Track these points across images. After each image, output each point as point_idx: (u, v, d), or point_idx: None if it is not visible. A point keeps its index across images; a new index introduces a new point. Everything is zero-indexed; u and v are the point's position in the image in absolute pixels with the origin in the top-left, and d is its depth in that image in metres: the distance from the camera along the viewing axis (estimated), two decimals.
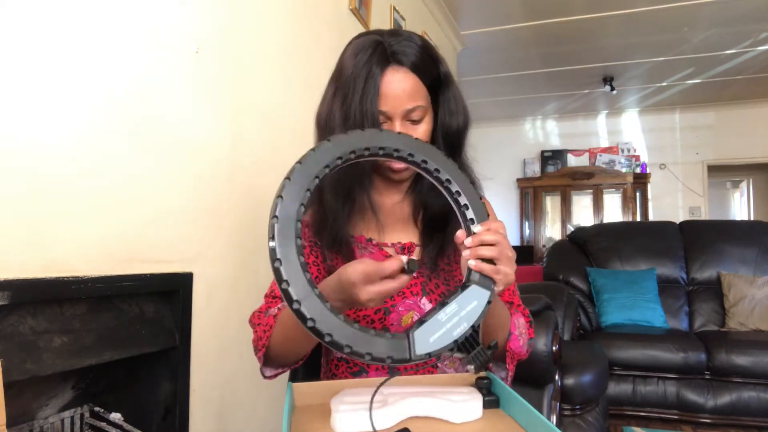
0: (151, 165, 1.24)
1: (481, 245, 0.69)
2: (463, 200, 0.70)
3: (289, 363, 0.87)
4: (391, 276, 0.67)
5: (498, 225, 0.70)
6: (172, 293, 1.29)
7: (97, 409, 1.15)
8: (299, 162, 0.63)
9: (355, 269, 0.66)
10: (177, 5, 1.32)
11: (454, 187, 0.69)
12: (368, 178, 0.88)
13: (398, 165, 0.88)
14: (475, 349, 0.70)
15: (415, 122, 0.86)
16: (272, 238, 0.59)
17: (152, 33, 1.24)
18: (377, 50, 0.82)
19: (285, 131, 1.79)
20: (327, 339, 0.59)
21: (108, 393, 1.24)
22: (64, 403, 1.13)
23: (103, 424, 1.12)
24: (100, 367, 1.12)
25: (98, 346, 1.07)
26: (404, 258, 0.68)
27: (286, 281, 0.59)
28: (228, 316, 1.49)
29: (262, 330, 0.85)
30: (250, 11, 1.62)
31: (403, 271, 0.67)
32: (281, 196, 0.61)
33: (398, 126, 0.84)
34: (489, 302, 0.69)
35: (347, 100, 0.83)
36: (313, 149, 0.64)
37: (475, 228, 0.70)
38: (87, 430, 1.12)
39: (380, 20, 2.65)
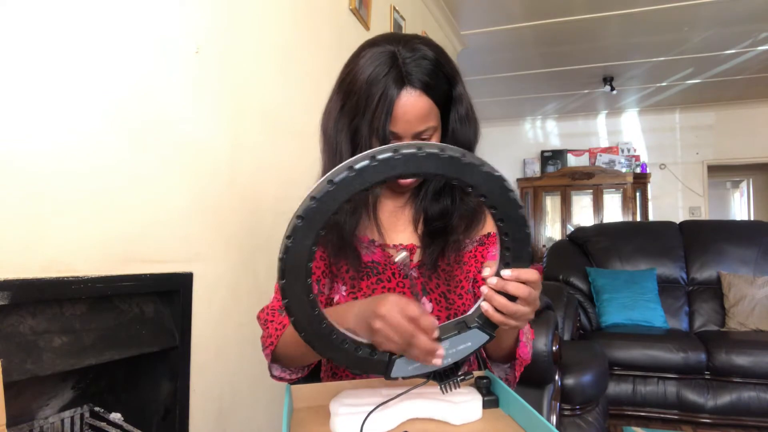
0: (150, 165, 1.24)
1: (503, 293, 0.65)
2: (507, 242, 0.63)
3: (296, 366, 0.89)
4: (415, 322, 0.64)
5: (530, 276, 0.65)
6: (172, 293, 1.29)
7: (97, 409, 1.15)
8: (313, 197, 0.55)
9: (400, 296, 0.66)
10: (177, 5, 1.32)
11: (504, 229, 0.62)
12: (377, 191, 0.88)
13: (406, 181, 0.87)
14: (449, 379, 0.69)
15: (425, 140, 0.84)
16: (281, 277, 0.58)
17: (152, 33, 1.24)
18: (392, 69, 0.79)
19: (285, 131, 1.79)
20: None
21: (108, 393, 1.24)
22: (64, 403, 1.13)
23: (103, 424, 1.12)
24: (100, 367, 1.12)
25: (98, 346, 1.07)
26: (437, 330, 0.66)
27: (294, 318, 0.61)
28: (228, 316, 1.49)
29: (274, 328, 0.86)
30: (250, 11, 1.62)
31: (436, 339, 0.65)
32: (290, 237, 0.56)
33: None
34: (484, 344, 0.69)
35: (357, 118, 0.82)
36: (330, 182, 0.54)
37: (505, 272, 0.64)
38: (87, 430, 1.12)
39: (380, 20, 2.65)
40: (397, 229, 0.96)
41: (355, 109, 0.82)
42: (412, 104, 0.80)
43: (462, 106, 0.87)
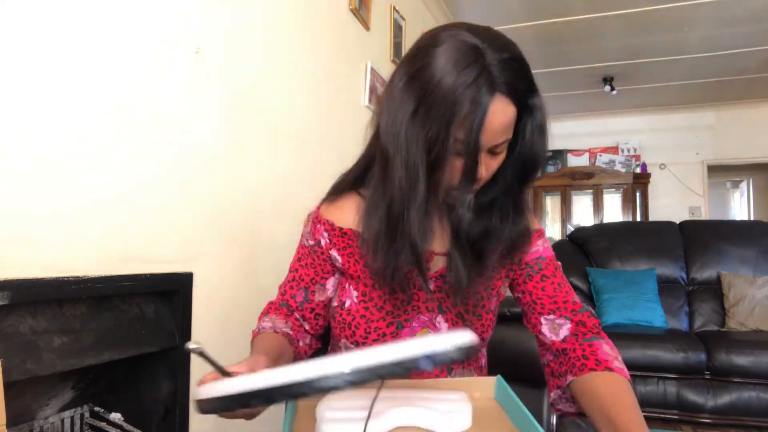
0: (150, 165, 1.24)
1: None
2: None
3: None
4: None
5: None
6: (172, 293, 1.29)
7: (97, 409, 1.15)
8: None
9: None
10: (177, 5, 1.32)
11: None
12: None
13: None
14: None
15: (496, 154, 0.75)
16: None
17: (152, 33, 1.24)
18: (483, 73, 0.67)
19: (285, 131, 1.79)
20: None
21: (108, 393, 1.24)
22: (64, 403, 1.13)
23: (103, 424, 1.12)
24: (100, 367, 1.13)
25: (98, 346, 1.07)
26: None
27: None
28: (228, 316, 1.49)
29: (258, 327, 0.91)
30: (250, 11, 1.62)
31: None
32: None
33: (482, 157, 0.73)
34: None
35: (438, 127, 0.69)
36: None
37: None
38: (87, 430, 1.13)
39: (380, 20, 2.65)
40: (434, 234, 0.85)
41: (435, 117, 0.69)
42: (501, 113, 0.69)
43: (540, 114, 0.76)
